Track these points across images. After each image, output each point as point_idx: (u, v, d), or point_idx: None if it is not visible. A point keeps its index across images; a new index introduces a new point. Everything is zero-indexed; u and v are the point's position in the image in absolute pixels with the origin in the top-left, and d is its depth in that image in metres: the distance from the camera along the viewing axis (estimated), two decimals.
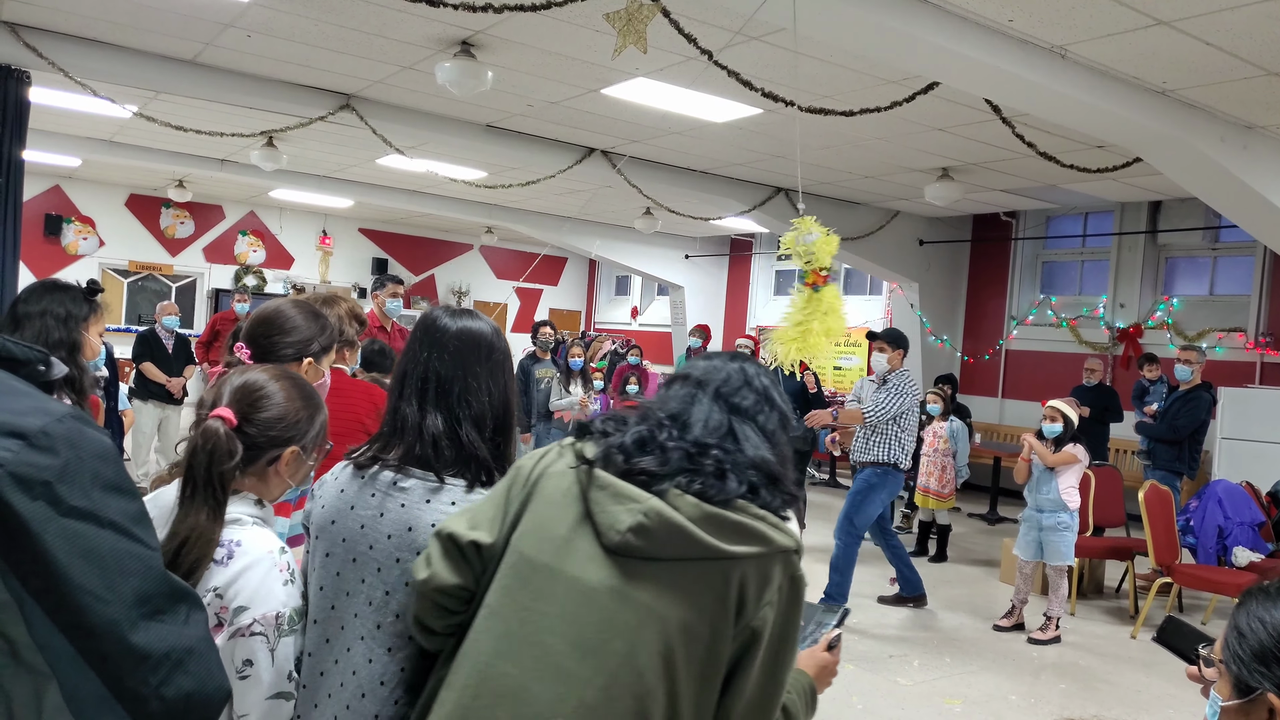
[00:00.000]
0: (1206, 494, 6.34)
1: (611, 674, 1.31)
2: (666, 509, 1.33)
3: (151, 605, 0.73)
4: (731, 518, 1.34)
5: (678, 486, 1.36)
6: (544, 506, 1.43)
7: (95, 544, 0.71)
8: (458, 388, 1.64)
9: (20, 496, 0.69)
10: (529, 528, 1.43)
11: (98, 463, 0.73)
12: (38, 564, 0.69)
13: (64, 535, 0.69)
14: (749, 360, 1.54)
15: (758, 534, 1.35)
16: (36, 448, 0.70)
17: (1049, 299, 10.58)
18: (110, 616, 0.71)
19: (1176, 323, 9.36)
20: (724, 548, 1.33)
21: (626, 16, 4.05)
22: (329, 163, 10.41)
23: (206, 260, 14.00)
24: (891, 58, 4.93)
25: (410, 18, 5.38)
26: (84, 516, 0.71)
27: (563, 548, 1.39)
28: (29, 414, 0.72)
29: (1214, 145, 5.65)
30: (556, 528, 1.41)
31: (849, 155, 8.07)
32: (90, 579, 0.70)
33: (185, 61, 6.68)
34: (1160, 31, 4.51)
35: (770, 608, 1.34)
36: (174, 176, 11.72)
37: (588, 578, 1.35)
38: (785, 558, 1.36)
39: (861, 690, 4.53)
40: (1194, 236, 9.43)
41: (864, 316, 12.40)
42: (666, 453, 1.39)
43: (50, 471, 0.70)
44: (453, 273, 16.03)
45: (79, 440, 0.73)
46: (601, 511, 1.37)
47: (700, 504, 1.34)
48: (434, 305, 2.18)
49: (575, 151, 8.51)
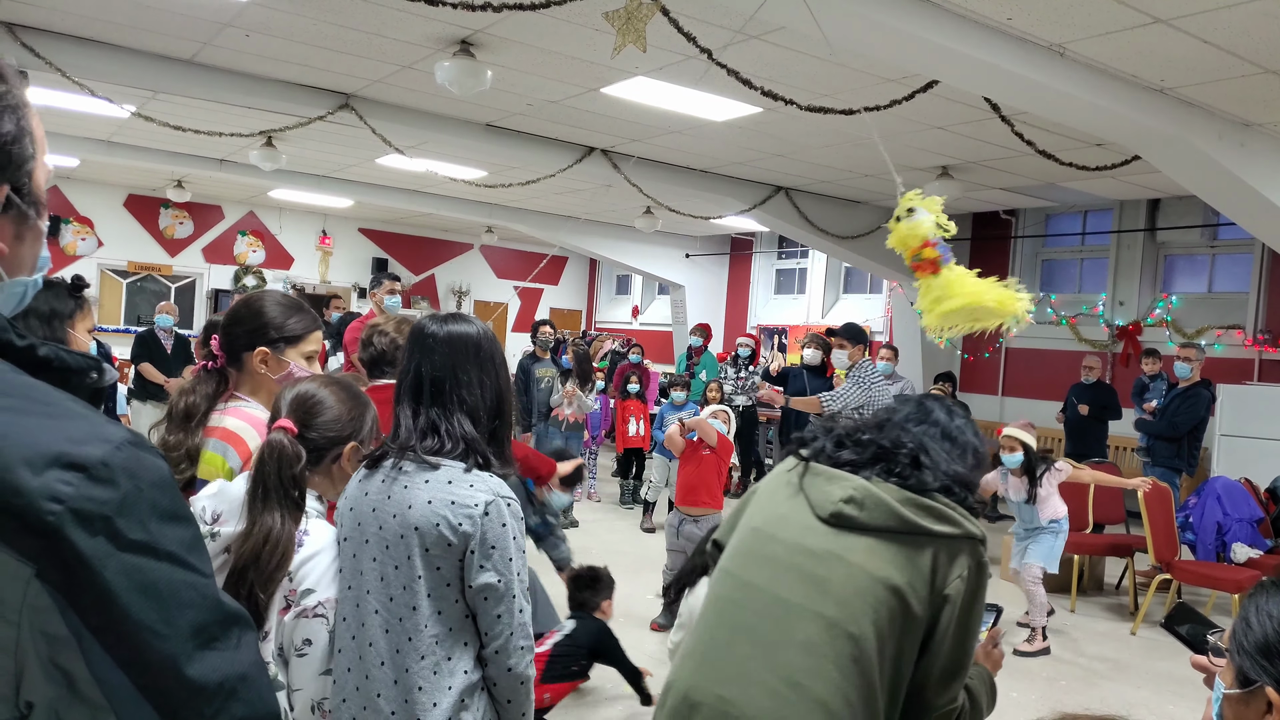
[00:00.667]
0: (1205, 491, 6.35)
1: (830, 618, 1.56)
2: (873, 487, 1.63)
3: (206, 634, 0.73)
4: (926, 502, 1.61)
5: (878, 474, 1.65)
6: (765, 495, 1.80)
7: (153, 577, 0.71)
8: (449, 385, 1.76)
9: (81, 534, 0.68)
10: (754, 510, 1.79)
11: (155, 492, 0.72)
12: (97, 600, 0.68)
13: (123, 571, 0.69)
14: (942, 401, 1.86)
15: (950, 519, 1.61)
16: (97, 480, 0.69)
17: (1048, 297, 10.58)
18: (168, 651, 0.70)
19: (1175, 320, 9.36)
20: (922, 523, 1.60)
21: (625, 15, 4.04)
22: (328, 162, 10.40)
23: (206, 261, 13.99)
24: (891, 56, 4.94)
25: (409, 17, 5.38)
26: (142, 550, 0.70)
27: (782, 520, 1.71)
28: (88, 442, 0.71)
29: (1212, 143, 5.65)
30: (776, 507, 1.74)
31: (849, 154, 8.07)
32: (148, 614, 0.70)
33: (183, 61, 6.68)
34: (1158, 30, 4.51)
35: (960, 581, 1.58)
36: (173, 177, 11.71)
37: (806, 542, 1.65)
38: (972, 544, 1.62)
39: None
40: (1192, 234, 9.44)
41: (865, 315, 12.41)
42: (864, 448, 1.70)
43: (110, 505, 0.69)
44: (453, 272, 16.03)
45: (137, 469, 0.72)
46: (815, 490, 1.69)
47: (899, 489, 1.63)
48: (433, 307, 2.20)
49: (575, 151, 8.51)
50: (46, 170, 0.83)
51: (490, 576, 1.66)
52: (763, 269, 14.14)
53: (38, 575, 0.67)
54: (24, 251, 0.82)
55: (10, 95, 0.78)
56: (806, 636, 1.56)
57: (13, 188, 0.78)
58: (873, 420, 1.79)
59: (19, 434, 0.69)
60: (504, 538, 1.67)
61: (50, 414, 0.72)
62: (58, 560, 0.68)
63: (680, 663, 1.70)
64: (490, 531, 1.66)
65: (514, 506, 1.71)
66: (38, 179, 0.82)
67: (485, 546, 1.66)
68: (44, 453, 0.69)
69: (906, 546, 1.59)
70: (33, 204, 0.81)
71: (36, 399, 0.73)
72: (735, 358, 9.03)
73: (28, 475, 0.68)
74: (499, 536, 1.67)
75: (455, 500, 1.67)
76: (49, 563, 0.67)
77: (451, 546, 1.66)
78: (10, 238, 0.79)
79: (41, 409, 0.72)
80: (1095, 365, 8.49)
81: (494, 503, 1.68)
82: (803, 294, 13.49)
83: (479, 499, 1.67)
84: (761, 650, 1.59)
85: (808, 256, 13.23)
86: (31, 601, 0.67)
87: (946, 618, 1.57)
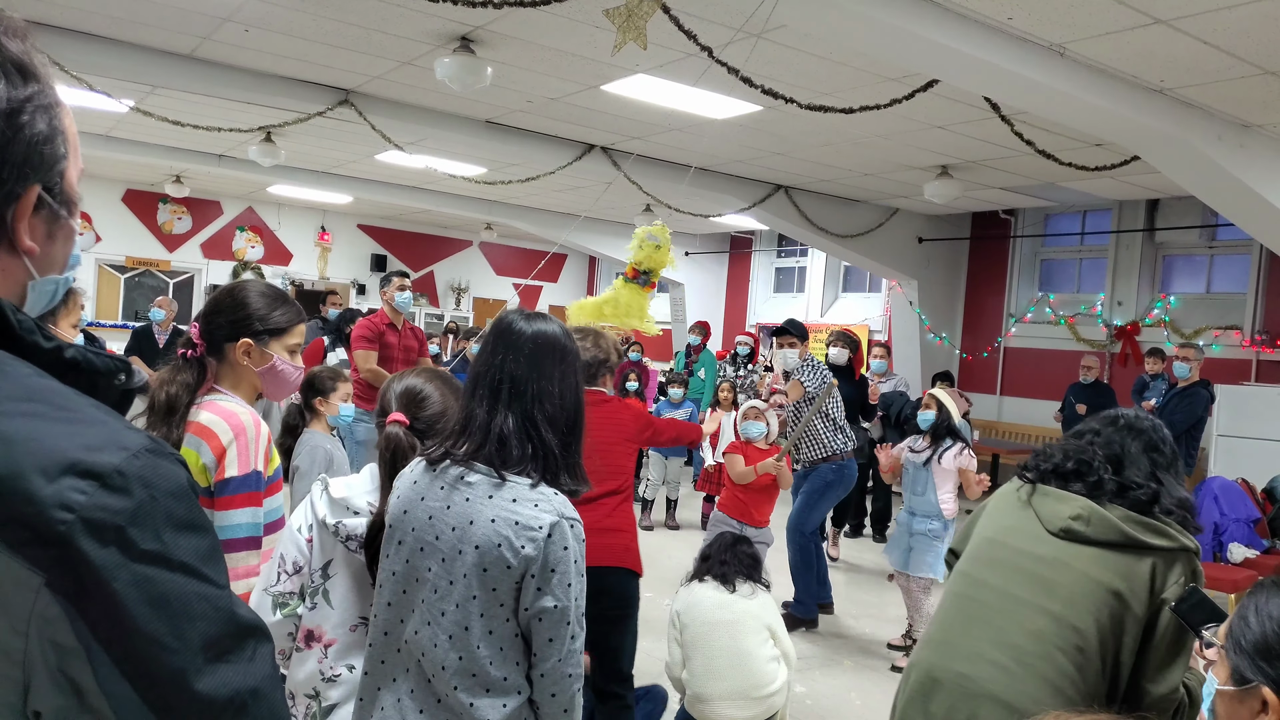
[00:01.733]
0: (1202, 490, 6.36)
1: (1056, 613, 1.85)
2: (1099, 507, 1.92)
3: (218, 648, 0.72)
4: (1147, 520, 1.89)
5: (1107, 498, 1.93)
6: (994, 510, 2.11)
7: (165, 589, 0.69)
8: (531, 389, 1.71)
9: (92, 544, 0.67)
10: (985, 523, 2.11)
11: (171, 501, 0.71)
12: (106, 611, 0.67)
13: (134, 582, 0.68)
14: (1158, 428, 2.08)
15: (1167, 534, 1.88)
16: (110, 489, 0.68)
17: (1047, 297, 10.60)
18: (176, 665, 0.69)
19: (1174, 320, 9.37)
20: (1142, 538, 1.87)
21: (626, 12, 4.04)
22: (327, 158, 10.39)
23: (204, 256, 13.97)
24: (891, 55, 4.94)
25: (409, 13, 5.38)
26: (154, 560, 0.69)
27: (1013, 531, 2.01)
28: (104, 449, 0.70)
29: (1211, 144, 5.66)
30: (1006, 519, 2.05)
31: (848, 153, 8.07)
32: (158, 627, 0.69)
33: (182, 56, 6.67)
34: (1158, 30, 4.52)
35: (1177, 587, 1.81)
36: (171, 172, 11.70)
37: (1037, 550, 1.95)
38: (1187, 555, 1.89)
39: (861, 687, 4.55)
40: (1191, 235, 9.45)
41: (864, 314, 12.41)
42: (1101, 483, 1.96)
43: (123, 515, 0.68)
44: (452, 269, 16.02)
45: (153, 478, 0.71)
46: (1045, 508, 1.98)
47: (1124, 509, 1.91)
48: (432, 304, 2.22)
49: (575, 148, 8.51)
50: (79, 169, 0.83)
51: (548, 601, 1.61)
52: (762, 267, 14.15)
53: (47, 585, 0.67)
54: (55, 251, 0.82)
55: (43, 94, 0.78)
56: (1036, 627, 1.87)
57: (44, 187, 0.78)
58: (1085, 443, 2.05)
59: (36, 440, 0.69)
60: (564, 561, 1.63)
61: (69, 420, 0.71)
62: (68, 570, 0.67)
63: (920, 648, 2.06)
64: (552, 555, 1.61)
65: (577, 528, 1.66)
66: (70, 178, 0.82)
67: (545, 570, 1.61)
68: (59, 460, 0.68)
69: (1128, 556, 1.87)
70: (64, 203, 0.81)
71: (57, 404, 0.72)
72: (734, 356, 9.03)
73: (41, 483, 0.67)
74: (559, 560, 1.62)
75: (519, 521, 1.62)
76: (59, 572, 0.67)
77: (510, 569, 1.61)
78: (42, 237, 0.79)
79: (61, 414, 0.71)
80: (1093, 365, 8.50)
81: (558, 524, 1.63)
82: (802, 292, 13.50)
83: (543, 520, 1.62)
84: (995, 635, 1.91)
85: (807, 255, 13.24)
86: (40, 611, 0.67)
87: (1164, 618, 1.83)
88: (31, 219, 0.78)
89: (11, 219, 0.76)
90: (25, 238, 0.77)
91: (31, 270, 0.79)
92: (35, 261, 0.79)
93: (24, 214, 0.77)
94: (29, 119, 0.75)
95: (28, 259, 0.78)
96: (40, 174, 0.77)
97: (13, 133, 0.74)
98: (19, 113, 0.75)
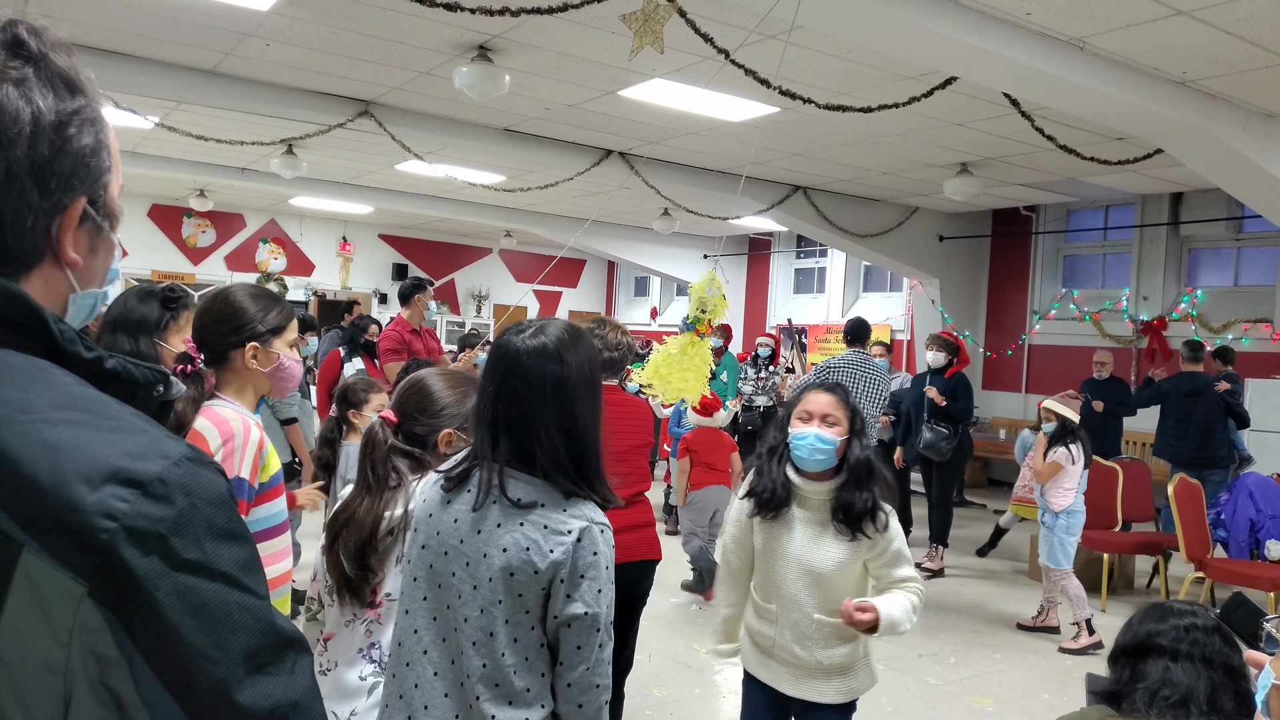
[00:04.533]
0: (1237, 487, 6.28)
1: None
2: None
3: (259, 659, 0.71)
4: None
5: None
6: None
7: (206, 599, 0.69)
8: (534, 424, 1.65)
9: (134, 552, 0.66)
10: None
11: (212, 510, 0.71)
12: (148, 622, 0.67)
13: (175, 592, 0.67)
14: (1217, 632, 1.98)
15: None
16: (152, 497, 0.68)
17: (1071, 293, 10.50)
18: (218, 676, 0.68)
19: (1201, 314, 9.26)
20: None
21: (643, 17, 4.05)
22: (348, 169, 10.48)
23: (228, 268, 14.12)
24: (910, 53, 4.92)
25: (427, 23, 5.42)
26: (196, 570, 0.68)
27: None
28: (146, 457, 0.69)
29: (1236, 135, 5.59)
30: None
31: (867, 152, 8.04)
32: (200, 637, 0.68)
33: (206, 71, 6.75)
34: (1180, 21, 4.47)
35: None
36: (195, 186, 11.84)
37: None
38: None
39: (891, 690, 4.51)
40: (1217, 227, 9.33)
41: (885, 314, 12.35)
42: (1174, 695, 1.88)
43: (164, 524, 0.68)
44: (472, 277, 16.10)
45: (194, 486, 0.70)
46: None
47: None
48: (453, 312, 2.27)
49: (593, 154, 8.53)
50: (119, 184, 0.85)
51: (578, 608, 1.56)
52: (781, 268, 14.11)
53: (90, 594, 0.66)
54: (96, 264, 0.83)
55: (89, 108, 0.79)
56: None
57: (89, 200, 0.79)
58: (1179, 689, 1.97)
59: (79, 448, 0.69)
60: (595, 567, 1.58)
61: (111, 428, 0.71)
62: (110, 579, 0.66)
63: None
64: (581, 559, 1.57)
65: (607, 534, 1.61)
66: (112, 192, 0.83)
67: (574, 576, 1.56)
68: (101, 468, 0.68)
69: None
70: (107, 217, 0.83)
71: (98, 411, 0.72)
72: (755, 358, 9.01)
73: (84, 491, 0.67)
74: (589, 565, 1.57)
75: (548, 525, 1.58)
76: (101, 581, 0.66)
77: (538, 574, 1.56)
78: (84, 250, 0.80)
79: (103, 422, 0.72)
80: (1107, 360, 8.35)
81: (588, 529, 1.58)
82: (822, 293, 13.45)
83: (572, 525, 1.58)
84: None
85: (826, 255, 13.19)
86: (83, 621, 0.66)
87: None
88: (75, 231, 0.79)
89: (57, 231, 0.77)
90: (70, 250, 0.78)
91: (73, 283, 0.80)
92: (77, 274, 0.80)
93: (69, 226, 0.78)
94: (76, 131, 0.77)
95: (70, 271, 0.79)
96: (86, 186, 0.78)
97: (61, 144, 0.75)
98: (66, 125, 0.76)
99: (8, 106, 0.72)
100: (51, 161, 0.75)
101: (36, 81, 0.75)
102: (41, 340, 0.75)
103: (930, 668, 4.86)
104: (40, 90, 0.75)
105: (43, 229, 0.76)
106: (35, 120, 0.73)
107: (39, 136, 0.74)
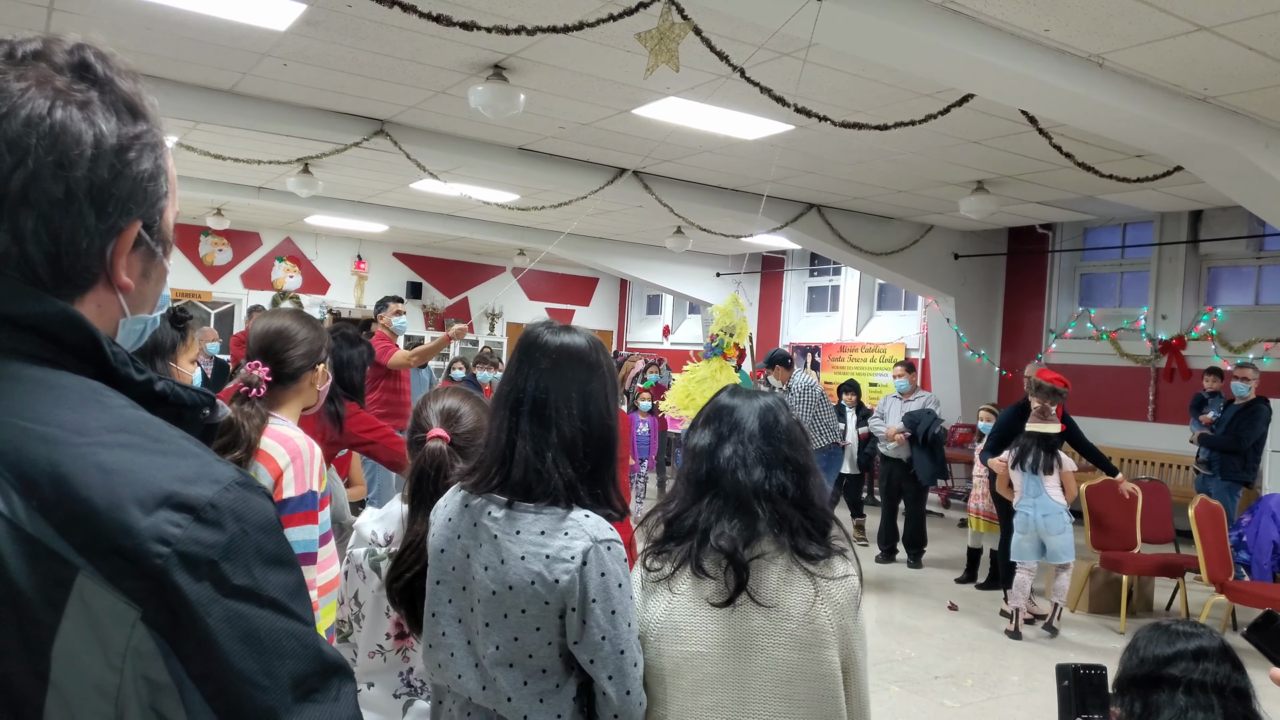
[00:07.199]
0: (1259, 509, 6.18)
1: None
2: None
3: (306, 686, 0.71)
4: None
5: None
6: None
7: (256, 625, 0.69)
8: (554, 409, 1.60)
9: (186, 578, 0.67)
10: None
11: (261, 535, 0.71)
12: (199, 647, 0.67)
13: (226, 618, 0.68)
14: (1225, 656, 1.86)
15: None
16: (204, 522, 0.68)
17: (1088, 311, 10.42)
18: (267, 704, 0.69)
19: (1221, 333, 9.16)
20: None
21: (658, 35, 4.05)
22: (364, 188, 10.54)
23: (244, 286, 14.21)
24: (926, 71, 4.90)
25: (443, 43, 5.44)
26: (246, 596, 0.69)
27: None
28: (197, 481, 0.70)
29: (1258, 152, 5.54)
30: None
31: (883, 169, 8.02)
32: (249, 664, 0.68)
33: (223, 91, 6.81)
34: (1201, 37, 4.44)
35: None
36: (212, 204, 11.92)
37: None
38: None
39: (908, 713, 4.44)
40: (1237, 245, 9.25)
41: (899, 332, 12.28)
42: None
43: (216, 550, 0.68)
44: (486, 295, 16.15)
45: (244, 512, 0.71)
46: None
47: None
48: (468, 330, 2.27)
49: (607, 172, 8.54)
50: (175, 210, 0.85)
51: (594, 634, 1.51)
52: (794, 287, 14.08)
53: (143, 619, 0.66)
54: (148, 289, 0.84)
55: (150, 134, 0.80)
56: None
57: (144, 224, 0.80)
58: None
59: (133, 471, 0.69)
60: (605, 588, 1.52)
61: (163, 451, 0.72)
62: (163, 604, 0.67)
63: None
64: (590, 583, 1.51)
65: (615, 549, 1.56)
66: (167, 218, 0.83)
67: (585, 602, 1.51)
68: (155, 492, 0.68)
69: None
70: (161, 242, 0.83)
71: (151, 434, 0.73)
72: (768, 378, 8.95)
73: (139, 515, 0.67)
74: (599, 588, 1.51)
75: (549, 554, 1.52)
76: (154, 606, 0.66)
77: (549, 605, 1.52)
78: (137, 274, 0.81)
79: (155, 445, 0.72)
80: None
81: (591, 550, 1.52)
82: (836, 311, 13.40)
83: (574, 549, 1.52)
84: None
85: (840, 273, 13.15)
86: (136, 645, 0.66)
87: None
88: (129, 255, 0.79)
89: (112, 254, 0.77)
90: (123, 273, 0.79)
91: (124, 307, 0.81)
92: (129, 299, 0.81)
93: (124, 250, 0.78)
94: (136, 155, 0.77)
95: (122, 295, 0.80)
96: (142, 210, 0.79)
97: (121, 168, 0.76)
98: (127, 149, 0.77)
99: (71, 128, 0.73)
100: (110, 184, 0.75)
101: (101, 105, 0.77)
102: (95, 362, 0.75)
103: (947, 690, 4.78)
104: (104, 114, 0.76)
105: (97, 252, 0.76)
106: (97, 143, 0.74)
107: (100, 159, 0.74)
